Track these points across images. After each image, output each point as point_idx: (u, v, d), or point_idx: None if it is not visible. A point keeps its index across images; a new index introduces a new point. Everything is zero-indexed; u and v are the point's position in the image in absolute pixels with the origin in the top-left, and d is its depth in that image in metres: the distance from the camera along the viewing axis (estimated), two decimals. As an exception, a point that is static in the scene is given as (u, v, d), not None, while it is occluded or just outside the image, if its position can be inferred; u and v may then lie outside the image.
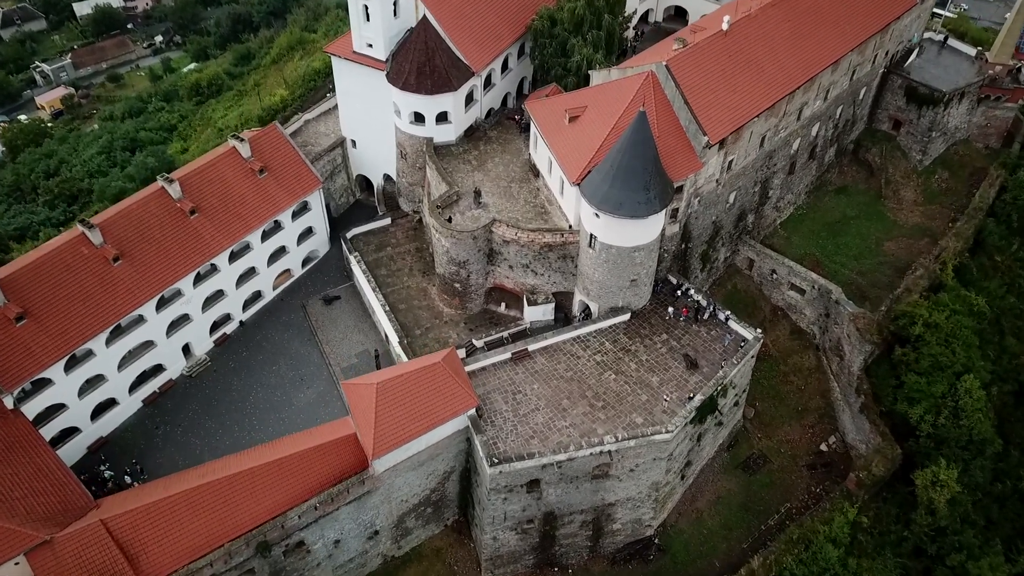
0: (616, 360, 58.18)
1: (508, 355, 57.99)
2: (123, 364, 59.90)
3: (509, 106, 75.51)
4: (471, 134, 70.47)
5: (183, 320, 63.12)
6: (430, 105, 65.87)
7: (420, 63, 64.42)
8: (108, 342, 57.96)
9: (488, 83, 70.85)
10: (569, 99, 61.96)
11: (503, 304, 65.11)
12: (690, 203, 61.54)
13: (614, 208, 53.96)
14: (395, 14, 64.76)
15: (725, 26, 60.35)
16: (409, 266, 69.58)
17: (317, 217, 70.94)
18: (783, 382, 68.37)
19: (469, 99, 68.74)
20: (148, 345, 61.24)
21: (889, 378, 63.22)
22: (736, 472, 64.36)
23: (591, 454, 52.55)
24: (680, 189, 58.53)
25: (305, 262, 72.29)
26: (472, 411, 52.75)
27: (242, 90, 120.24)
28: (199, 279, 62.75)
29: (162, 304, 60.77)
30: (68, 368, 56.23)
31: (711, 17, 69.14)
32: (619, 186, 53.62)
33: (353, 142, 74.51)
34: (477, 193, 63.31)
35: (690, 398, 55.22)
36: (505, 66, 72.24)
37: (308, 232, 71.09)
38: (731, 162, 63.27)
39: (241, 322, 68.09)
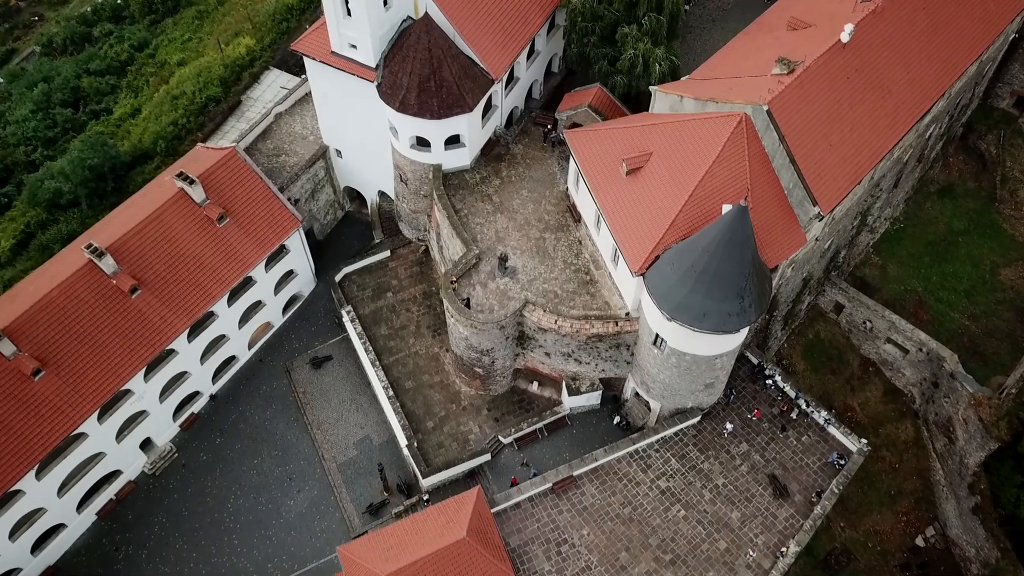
0: (686, 487, 46.10)
1: (548, 485, 45.84)
2: (64, 488, 47.72)
3: (535, 96, 58.81)
4: (489, 150, 54.45)
5: (137, 417, 50.34)
6: (437, 130, 49.80)
7: (423, 77, 47.62)
8: (39, 474, 45.58)
9: (511, 79, 54.08)
10: (625, 137, 45.69)
11: (535, 383, 52.21)
12: (783, 275, 47.14)
13: (695, 320, 40.00)
14: (385, 4, 47.19)
15: (846, 37, 43.33)
16: (416, 321, 55.96)
17: (298, 258, 56.30)
18: (874, 458, 56.07)
19: (487, 107, 52.35)
20: (95, 458, 48.84)
21: (1014, 475, 51.33)
22: (815, 573, 53.90)
23: (659, 636, 41.83)
24: (775, 268, 44.15)
25: (288, 305, 58.39)
26: (508, 584, 41.42)
27: (203, 10, 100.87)
28: (152, 368, 49.40)
29: (106, 411, 47.83)
30: (-10, 517, 44.40)
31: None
32: (703, 293, 39.40)
33: (338, 151, 58.36)
34: (502, 259, 48.55)
35: (782, 553, 43.70)
36: (531, 50, 55.03)
37: (289, 274, 56.75)
38: (835, 213, 48.24)
39: (212, 396, 55.33)
